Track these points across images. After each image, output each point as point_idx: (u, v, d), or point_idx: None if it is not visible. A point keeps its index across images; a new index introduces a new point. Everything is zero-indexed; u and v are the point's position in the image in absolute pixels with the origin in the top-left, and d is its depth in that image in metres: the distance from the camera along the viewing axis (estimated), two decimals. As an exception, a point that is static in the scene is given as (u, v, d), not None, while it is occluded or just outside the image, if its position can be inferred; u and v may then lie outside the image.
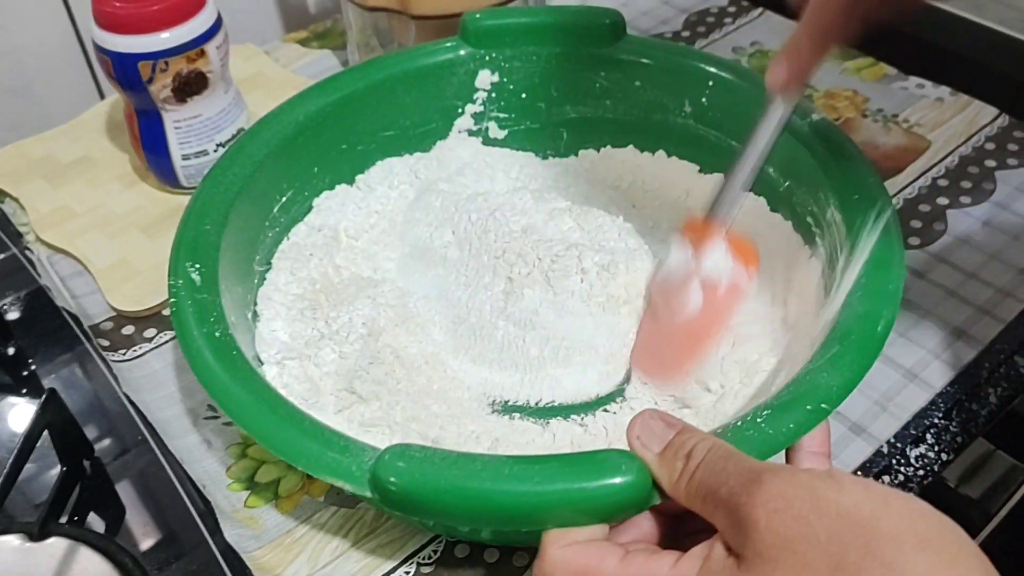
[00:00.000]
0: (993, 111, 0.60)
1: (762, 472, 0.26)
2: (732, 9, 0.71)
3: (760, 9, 0.70)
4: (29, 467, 0.43)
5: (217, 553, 0.40)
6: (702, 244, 0.41)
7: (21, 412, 0.48)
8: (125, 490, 0.44)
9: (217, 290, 0.39)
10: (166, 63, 0.50)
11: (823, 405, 0.32)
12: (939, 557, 0.23)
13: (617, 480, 0.29)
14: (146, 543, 0.41)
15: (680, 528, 0.31)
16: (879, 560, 0.23)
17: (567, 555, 0.28)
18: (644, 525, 0.31)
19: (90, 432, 0.45)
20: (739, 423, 0.32)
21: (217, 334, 0.37)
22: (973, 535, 0.44)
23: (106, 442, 0.46)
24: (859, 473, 0.42)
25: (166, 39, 0.49)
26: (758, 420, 0.31)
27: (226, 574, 0.40)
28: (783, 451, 0.32)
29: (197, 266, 0.40)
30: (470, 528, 0.36)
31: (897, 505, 0.24)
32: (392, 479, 0.30)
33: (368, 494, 0.31)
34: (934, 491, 0.43)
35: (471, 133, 0.54)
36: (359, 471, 0.31)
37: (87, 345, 0.50)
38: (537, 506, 0.29)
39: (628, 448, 0.30)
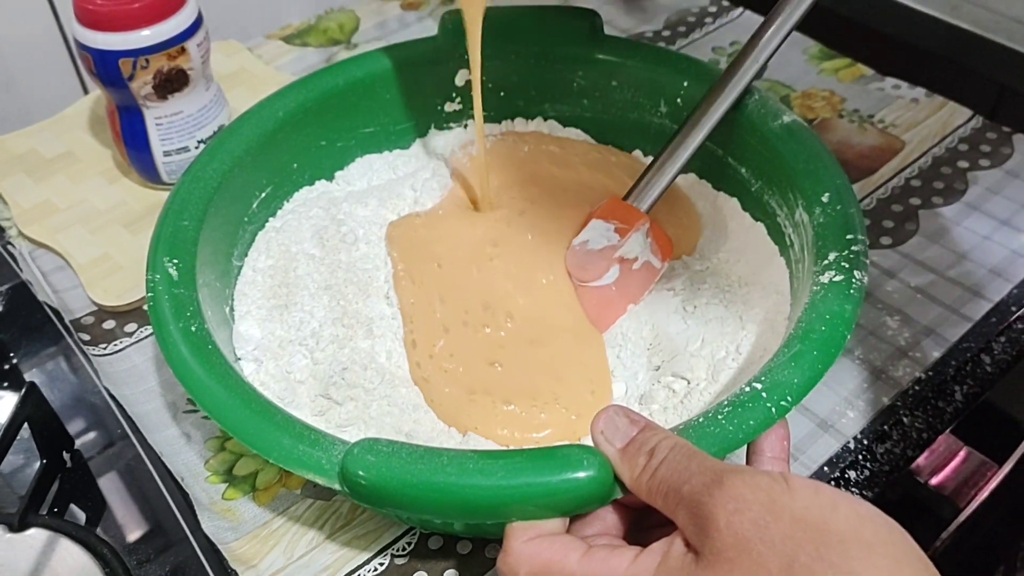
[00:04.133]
0: (967, 112, 0.60)
1: (723, 473, 0.27)
2: (713, 9, 0.71)
3: (740, 9, 0.71)
4: (12, 460, 0.43)
5: (197, 548, 0.41)
6: (626, 223, 0.45)
7: (2, 405, 0.48)
8: (105, 483, 0.44)
9: (194, 285, 0.40)
10: (147, 60, 0.50)
11: (783, 402, 0.33)
12: (884, 560, 0.24)
13: (579, 475, 0.30)
14: (126, 536, 0.42)
15: (643, 521, 0.32)
16: (827, 562, 0.24)
17: (530, 549, 0.29)
18: (608, 518, 0.32)
19: (71, 426, 0.46)
20: (700, 420, 0.32)
21: (193, 328, 0.37)
22: (943, 528, 0.45)
23: (87, 436, 0.46)
24: (826, 468, 0.43)
25: (147, 36, 0.50)
26: (719, 417, 0.32)
27: (205, 568, 0.40)
28: (744, 447, 0.33)
29: (175, 261, 0.40)
30: (440, 520, 0.37)
31: (845, 509, 0.26)
32: (361, 472, 0.31)
33: (338, 487, 0.32)
34: (905, 486, 0.44)
35: (450, 131, 0.54)
36: (329, 464, 0.32)
37: (68, 339, 0.50)
38: (501, 500, 0.30)
39: (592, 442, 0.31)
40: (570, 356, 0.42)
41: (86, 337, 0.50)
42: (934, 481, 0.47)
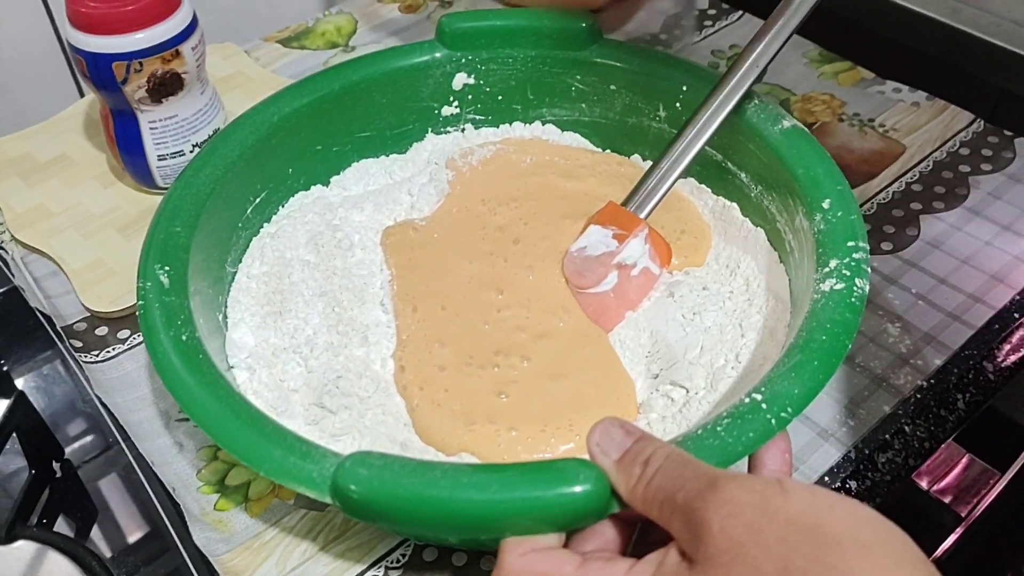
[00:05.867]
0: (968, 116, 0.60)
1: (717, 478, 0.26)
2: (712, 12, 0.71)
3: (740, 12, 0.70)
4: (1, 468, 0.43)
5: (187, 559, 0.40)
6: (624, 229, 0.44)
7: (-7, 412, 0.48)
8: (96, 493, 0.44)
9: (186, 293, 0.39)
10: (140, 64, 0.50)
11: (783, 413, 0.32)
12: (882, 560, 0.24)
13: (576, 489, 0.29)
14: (116, 547, 0.41)
15: (643, 538, 0.32)
16: (824, 564, 0.24)
17: (524, 563, 0.29)
18: (607, 534, 0.31)
19: (62, 434, 0.46)
20: (699, 432, 0.32)
21: (184, 337, 0.37)
22: (944, 536, 0.44)
23: (78, 444, 0.46)
24: (827, 478, 0.42)
25: (140, 39, 0.49)
26: (718, 429, 0.32)
27: (195, 578, 0.40)
28: (745, 460, 0.33)
29: (166, 268, 0.40)
30: (433, 534, 0.37)
31: (841, 511, 0.25)
32: (352, 486, 0.30)
33: (330, 501, 0.31)
34: (906, 493, 0.44)
35: (447, 135, 0.54)
36: (320, 477, 0.31)
37: (60, 346, 0.50)
38: (495, 515, 0.29)
39: (588, 455, 0.30)
40: (599, 391, 0.41)
41: (78, 344, 0.49)
42: (935, 489, 0.46)
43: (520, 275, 0.45)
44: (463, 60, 0.52)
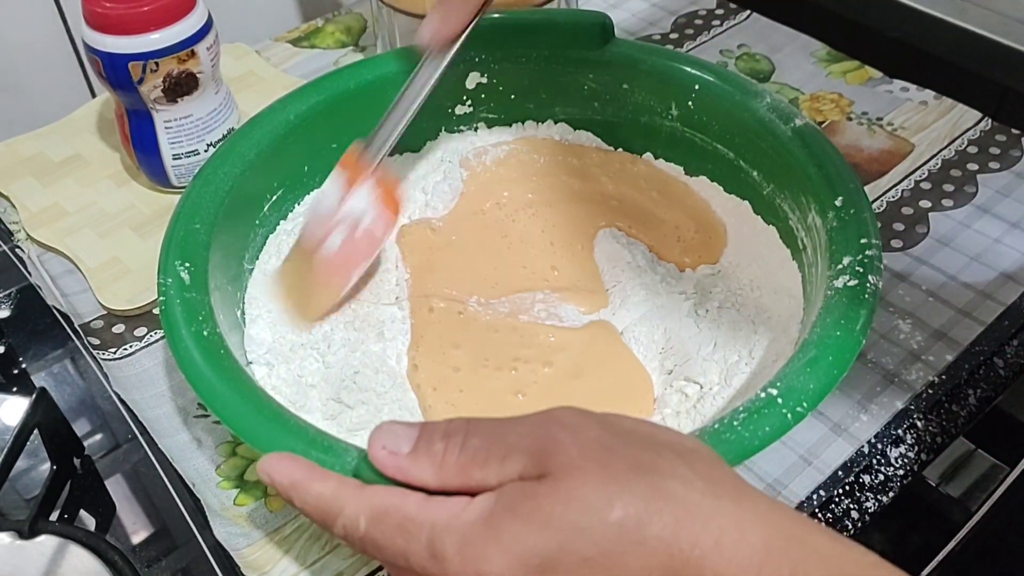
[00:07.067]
0: (976, 115, 0.60)
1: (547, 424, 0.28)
2: (720, 11, 0.71)
3: (748, 11, 0.71)
4: (21, 464, 0.43)
5: (206, 550, 0.41)
6: (353, 181, 0.43)
7: (12, 410, 0.48)
8: (115, 488, 0.44)
9: (206, 289, 0.40)
10: (156, 64, 0.50)
11: (799, 408, 0.33)
12: (700, 464, 0.27)
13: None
14: (136, 540, 0.42)
15: None
16: (666, 462, 0.27)
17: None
18: None
19: (80, 430, 0.46)
20: (716, 426, 0.32)
21: (205, 333, 0.37)
22: (954, 532, 0.45)
23: (96, 440, 0.46)
24: (840, 473, 0.43)
25: (156, 40, 0.50)
26: (735, 423, 0.32)
27: (215, 571, 0.40)
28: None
29: (187, 265, 0.40)
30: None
31: (663, 430, 0.29)
32: (376, 479, 0.30)
33: (353, 493, 0.31)
34: (915, 489, 0.44)
35: (460, 134, 0.54)
36: (343, 471, 0.31)
37: (77, 343, 0.50)
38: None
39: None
40: (617, 388, 0.41)
41: (95, 341, 0.49)
42: (945, 484, 0.46)
43: (542, 284, 0.46)
44: (476, 59, 0.52)
